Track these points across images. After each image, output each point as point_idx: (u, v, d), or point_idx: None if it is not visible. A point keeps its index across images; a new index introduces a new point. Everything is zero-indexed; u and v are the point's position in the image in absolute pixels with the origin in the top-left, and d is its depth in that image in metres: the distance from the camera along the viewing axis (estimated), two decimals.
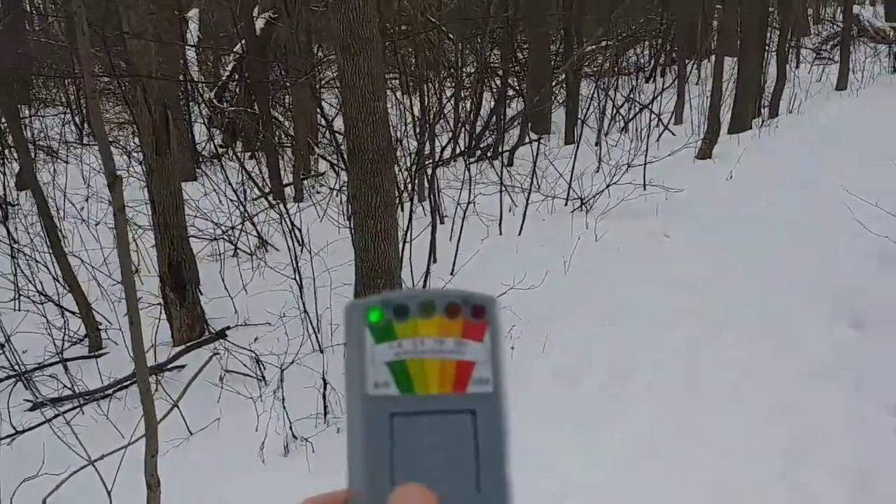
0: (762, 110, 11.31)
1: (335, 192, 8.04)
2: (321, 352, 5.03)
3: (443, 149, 7.40)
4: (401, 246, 4.94)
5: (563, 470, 3.81)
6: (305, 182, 9.21)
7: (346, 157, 6.07)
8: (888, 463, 3.53)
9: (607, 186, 7.63)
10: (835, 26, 18.63)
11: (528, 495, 3.70)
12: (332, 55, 10.53)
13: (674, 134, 10.60)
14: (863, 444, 3.74)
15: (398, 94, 9.98)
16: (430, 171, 6.48)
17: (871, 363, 4.33)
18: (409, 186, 6.16)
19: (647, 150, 8.34)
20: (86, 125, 13.03)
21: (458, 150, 8.92)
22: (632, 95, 11.03)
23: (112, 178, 3.08)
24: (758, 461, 3.76)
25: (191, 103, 10.35)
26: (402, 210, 5.57)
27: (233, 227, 7.02)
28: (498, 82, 11.15)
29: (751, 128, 10.56)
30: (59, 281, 5.72)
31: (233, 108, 10.08)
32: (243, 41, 9.43)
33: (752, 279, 5.72)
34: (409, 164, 7.56)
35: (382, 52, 4.45)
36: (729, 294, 5.53)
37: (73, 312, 5.60)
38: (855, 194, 6.20)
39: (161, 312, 5.43)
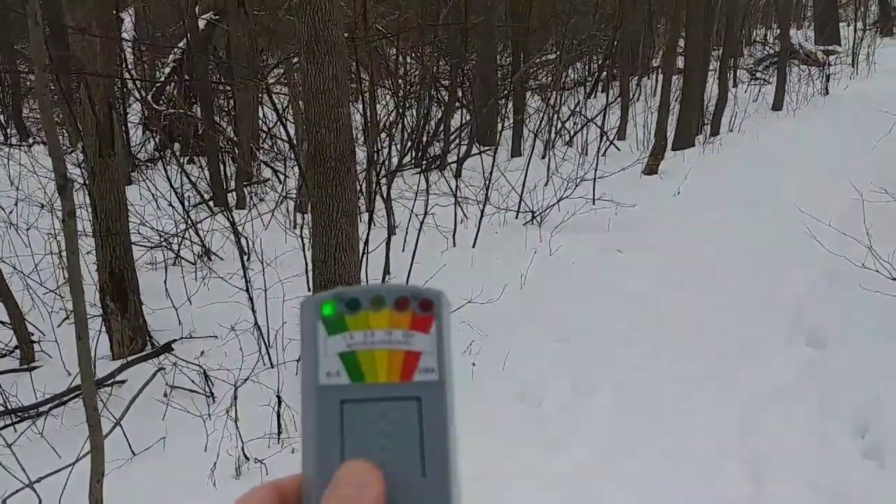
0: (703, 128, 11.50)
1: (281, 200, 7.79)
2: (273, 367, 4.81)
3: (401, 158, 7.25)
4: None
5: (522, 494, 3.70)
6: (248, 189, 8.93)
7: (302, 163, 5.88)
8: (858, 485, 3.52)
9: (559, 200, 7.59)
10: (766, 48, 19.18)
11: None
12: (281, 58, 10.29)
13: (618, 149, 10.68)
14: (829, 465, 3.73)
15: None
16: (384, 181, 6.32)
17: (833, 382, 4.35)
18: (371, 196, 5.99)
19: (596, 165, 8.35)
20: (12, 124, 12.46)
21: (405, 161, 8.79)
22: (577, 109, 11.08)
23: (63, 182, 2.84)
24: (722, 482, 3.71)
25: (127, 104, 9.96)
26: (361, 220, 5.39)
27: (175, 235, 6.72)
28: (445, 93, 11.07)
29: (694, 145, 10.71)
30: None
31: (172, 111, 9.73)
32: (187, 38, 9.10)
33: (706, 296, 5.73)
34: (360, 173, 7.38)
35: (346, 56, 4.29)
36: (683, 311, 5.52)
37: (4, 323, 5.24)
38: (806, 212, 6.29)
39: (100, 324, 5.12)
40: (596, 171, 8.22)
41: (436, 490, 0.43)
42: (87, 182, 5.00)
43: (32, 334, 5.24)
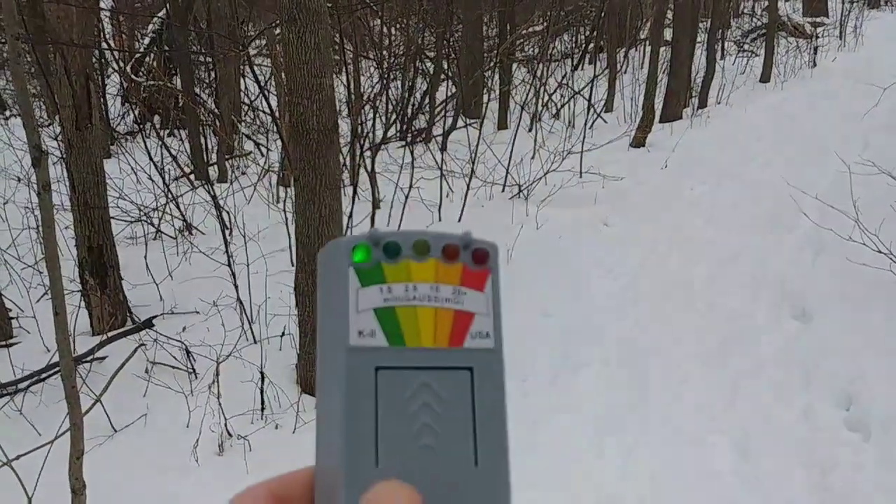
0: (691, 100, 11.42)
1: (264, 174, 7.69)
2: (256, 343, 4.75)
3: (385, 130, 7.15)
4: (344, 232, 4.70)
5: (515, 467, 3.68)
6: (229, 162, 8.81)
7: (284, 136, 5.78)
8: (842, 457, 3.52)
9: (545, 174, 7.52)
10: (754, 20, 19.07)
11: None
12: (263, 28, 10.12)
13: (605, 122, 10.60)
14: (814, 437, 3.73)
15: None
16: (368, 154, 6.23)
17: (818, 355, 4.34)
18: (355, 169, 5.91)
19: (583, 137, 8.28)
20: None
21: (389, 134, 8.68)
22: (564, 82, 10.97)
23: (37, 153, 2.75)
24: (710, 454, 3.71)
25: (105, 76, 9.77)
26: (345, 194, 5.31)
27: (155, 209, 6.61)
28: (430, 65, 10.94)
29: (681, 117, 10.65)
30: None
31: (152, 83, 9.56)
32: (166, 8, 8.92)
33: (693, 269, 5.70)
34: (344, 146, 7.27)
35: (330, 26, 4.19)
36: (671, 284, 5.50)
37: None
38: (793, 185, 6.26)
39: (80, 300, 5.04)
40: (583, 143, 8.15)
41: (491, 482, 0.36)
42: (64, 155, 4.89)
43: (10, 310, 5.16)
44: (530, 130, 9.38)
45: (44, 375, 4.41)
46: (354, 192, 5.64)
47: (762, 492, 3.39)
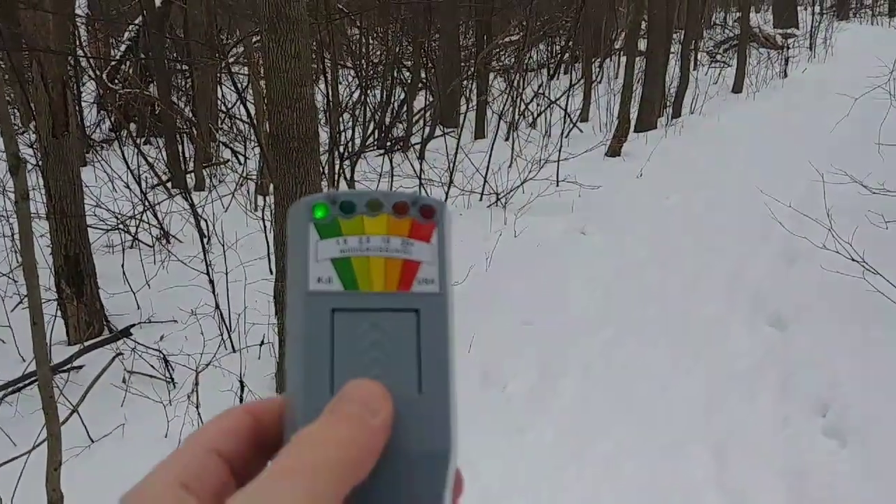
0: (665, 110, 11.55)
1: (242, 182, 7.66)
2: (235, 352, 4.73)
3: (364, 139, 7.15)
4: None
5: (489, 476, 3.69)
6: (207, 170, 8.77)
7: (263, 144, 5.77)
8: (820, 464, 3.57)
9: (523, 182, 7.57)
10: (725, 31, 19.33)
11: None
12: (241, 37, 10.09)
13: (581, 131, 10.69)
14: (791, 444, 3.77)
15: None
16: (345, 163, 6.23)
17: (794, 362, 4.40)
18: (335, 178, 5.90)
19: (560, 146, 8.34)
20: None
21: (368, 142, 8.69)
22: (541, 91, 11.05)
23: (15, 162, 2.74)
24: (689, 463, 3.74)
25: (81, 83, 9.68)
26: None
27: (132, 217, 6.56)
28: (407, 74, 10.96)
29: (656, 127, 10.76)
30: None
31: (128, 90, 9.49)
32: (143, 15, 8.87)
33: (670, 277, 5.76)
34: (322, 154, 7.26)
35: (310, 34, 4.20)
36: (648, 292, 5.55)
37: None
38: (767, 193, 6.35)
39: (56, 309, 4.99)
40: (560, 152, 8.21)
41: (432, 408, 0.39)
42: (40, 163, 4.85)
43: None
44: (507, 139, 9.44)
45: (20, 385, 4.36)
46: None
47: (741, 500, 3.43)
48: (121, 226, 6.50)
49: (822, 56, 16.83)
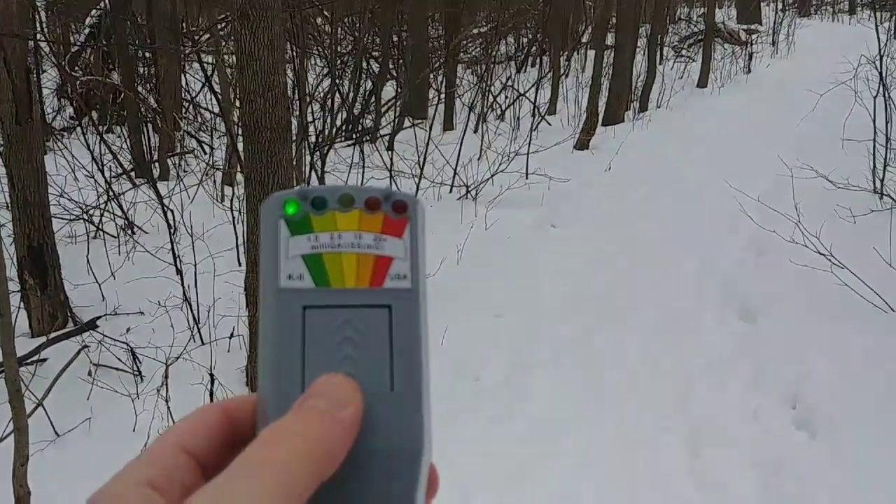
0: (632, 104, 11.64)
1: (208, 172, 7.54)
2: (205, 344, 4.66)
3: (334, 130, 7.08)
4: None
5: (463, 469, 3.69)
6: (172, 160, 8.62)
7: (231, 133, 5.69)
8: (790, 456, 3.62)
9: (493, 175, 7.56)
10: (690, 26, 19.51)
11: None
12: (208, 25, 9.94)
13: (549, 124, 10.72)
14: (762, 436, 3.82)
15: None
16: (318, 153, 6.17)
17: (764, 355, 4.45)
18: (309, 168, 5.84)
19: (529, 139, 8.35)
20: None
21: (335, 132, 8.61)
22: (509, 84, 11.06)
23: None
24: (662, 455, 3.77)
25: (41, 70, 9.45)
26: None
27: (96, 207, 6.42)
28: (375, 65, 10.90)
29: (623, 120, 10.83)
30: None
31: (90, 77, 9.30)
32: (105, 1, 8.69)
33: (640, 270, 5.80)
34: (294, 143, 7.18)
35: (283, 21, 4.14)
36: (618, 286, 5.58)
37: None
38: (734, 187, 6.42)
39: (19, 300, 4.86)
40: (529, 145, 8.22)
41: (405, 404, 0.39)
42: (1, 151, 4.72)
43: None
44: (476, 131, 9.43)
45: None
46: None
47: (714, 491, 3.46)
48: (84, 216, 6.36)
49: (785, 52, 17.08)
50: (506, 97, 11.11)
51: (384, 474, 0.38)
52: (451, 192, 7.66)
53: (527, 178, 7.89)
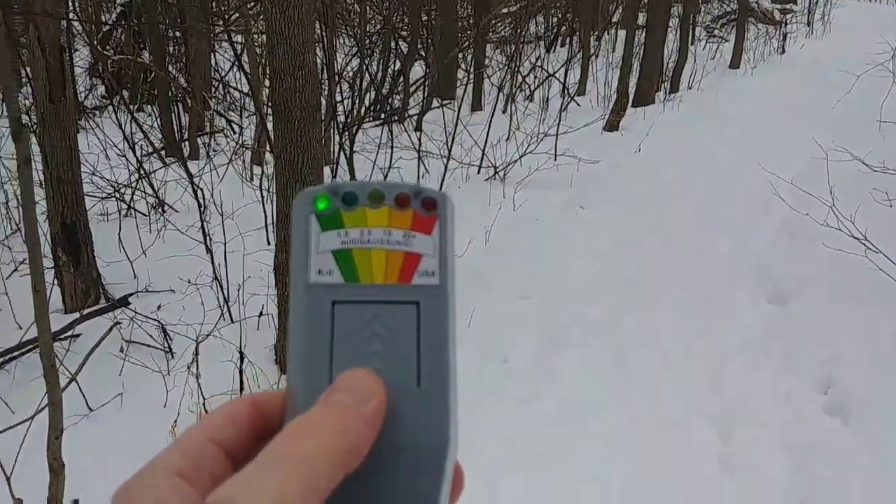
0: (663, 85, 11.49)
1: (237, 151, 7.58)
2: (234, 322, 4.70)
3: (363, 110, 7.07)
4: None
5: (491, 451, 3.69)
6: (202, 139, 8.67)
7: (261, 112, 5.70)
8: (821, 441, 3.58)
9: (521, 156, 7.52)
10: (722, 5, 19.20)
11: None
12: (238, 4, 9.93)
13: (578, 105, 10.62)
14: (794, 420, 3.78)
15: None
16: (346, 133, 6.16)
17: (796, 339, 4.40)
18: (338, 148, 5.84)
19: (558, 120, 8.29)
20: None
21: (363, 112, 8.60)
22: (538, 64, 10.96)
23: (17, 126, 2.68)
24: (689, 438, 3.74)
25: (73, 49, 9.53)
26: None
27: (127, 185, 6.48)
28: (403, 44, 10.85)
29: (654, 102, 10.71)
30: None
31: (121, 56, 9.35)
32: None
33: (671, 252, 5.75)
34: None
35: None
36: (648, 267, 5.54)
37: None
38: (767, 170, 6.33)
39: (52, 277, 4.93)
40: (558, 126, 8.15)
41: (431, 401, 0.40)
42: (35, 129, 4.77)
43: None
44: (505, 112, 9.37)
45: (16, 353, 4.32)
46: (333, 172, 5.57)
47: (745, 474, 3.43)
48: (116, 194, 6.42)
49: (820, 32, 16.76)
50: (535, 77, 11.02)
51: (410, 470, 0.39)
52: (478, 172, 7.63)
53: (555, 159, 7.83)
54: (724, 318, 4.75)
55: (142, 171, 6.53)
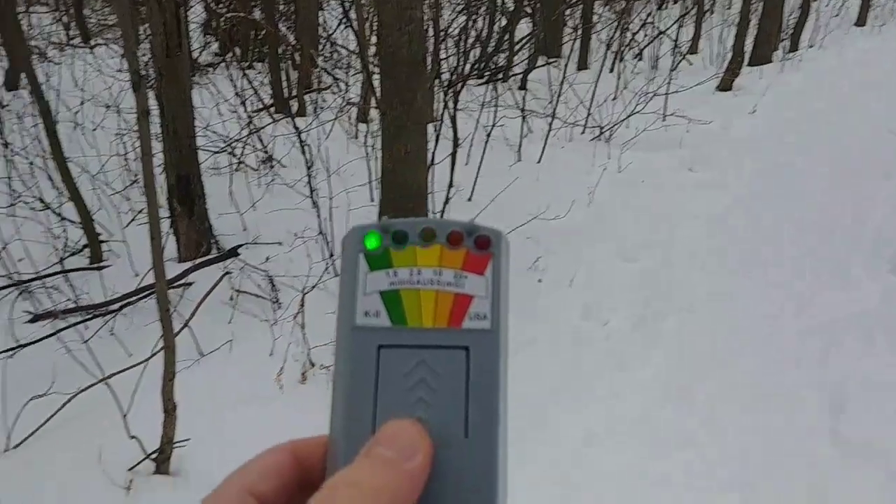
0: (782, 43, 10.94)
1: (343, 109, 7.67)
2: (337, 275, 4.78)
3: (467, 67, 7.02)
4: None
5: (588, 412, 3.66)
6: (309, 96, 8.81)
7: (367, 69, 5.73)
8: None
9: (628, 116, 7.33)
10: None
11: (551, 437, 3.56)
12: None
13: (690, 63, 10.25)
14: None
15: None
16: (450, 91, 6.13)
17: None
18: (441, 106, 5.82)
19: (669, 79, 8.02)
20: (74, 26, 12.46)
21: (468, 70, 8.54)
22: (649, 21, 10.61)
23: (137, 78, 2.77)
24: (799, 412, 3.60)
25: (187, 6, 9.80)
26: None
27: (237, 140, 6.66)
28: (509, 1, 10.68)
29: (772, 60, 10.22)
30: (57, 187, 5.40)
31: (233, 14, 9.57)
32: None
33: (784, 218, 5.51)
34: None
35: None
36: (760, 232, 5.33)
37: (73, 222, 5.30)
38: (893, 133, 5.96)
39: (168, 227, 5.13)
40: (668, 85, 7.89)
41: (479, 453, 0.38)
42: (153, 83, 4.94)
43: (100, 234, 5.30)
44: (612, 71, 9.13)
45: (134, 298, 4.54)
46: (437, 129, 5.57)
47: (857, 449, 3.29)
48: (227, 148, 6.61)
49: None
50: (645, 35, 10.68)
51: None
52: (583, 133, 7.48)
53: (664, 119, 7.60)
54: (840, 287, 4.53)
55: (252, 127, 6.70)
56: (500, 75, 9.20)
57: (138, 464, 3.26)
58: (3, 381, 3.63)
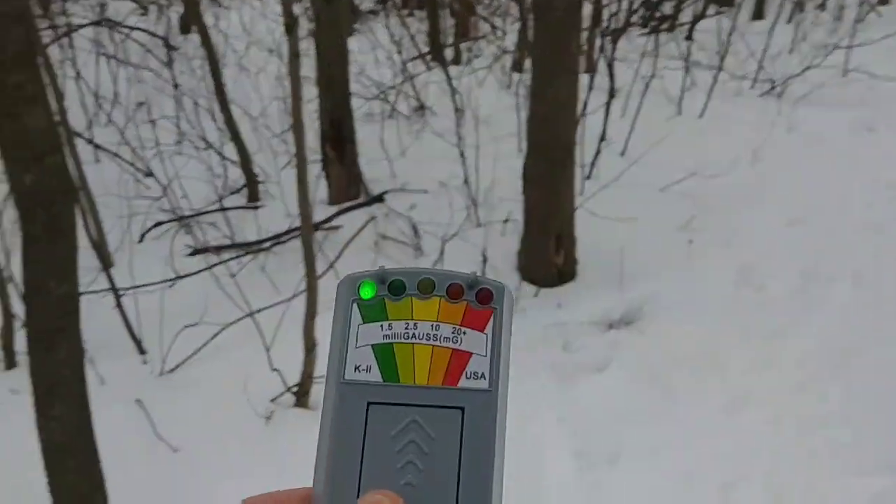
0: None
1: (498, 57, 7.54)
2: (480, 226, 4.74)
3: (628, 15, 6.72)
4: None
5: (740, 379, 3.45)
6: (465, 45, 8.75)
7: (524, 17, 5.60)
8: None
9: (804, 70, 6.78)
10: None
11: (698, 402, 3.40)
12: None
13: (880, 15, 9.35)
14: None
15: None
16: (607, 39, 5.88)
17: None
18: (594, 54, 5.62)
19: (853, 31, 7.35)
20: None
21: (632, 19, 8.17)
22: None
23: (290, 20, 2.79)
24: None
25: None
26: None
27: (391, 87, 6.71)
28: None
29: None
30: (220, 128, 5.64)
31: None
32: None
33: None
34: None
35: None
36: None
37: (233, 161, 5.53)
38: None
39: (319, 170, 5.26)
40: (852, 38, 7.23)
41: None
42: (312, 29, 5.03)
43: (258, 175, 5.50)
44: (790, 21, 8.49)
45: (284, 238, 4.69)
46: (592, 79, 5.36)
47: None
48: (381, 95, 6.67)
49: None
50: None
51: None
52: (752, 87, 7.01)
53: (844, 75, 6.99)
54: None
55: (406, 74, 6.72)
56: (666, 24, 8.75)
57: (279, 396, 3.38)
58: (162, 309, 3.85)
